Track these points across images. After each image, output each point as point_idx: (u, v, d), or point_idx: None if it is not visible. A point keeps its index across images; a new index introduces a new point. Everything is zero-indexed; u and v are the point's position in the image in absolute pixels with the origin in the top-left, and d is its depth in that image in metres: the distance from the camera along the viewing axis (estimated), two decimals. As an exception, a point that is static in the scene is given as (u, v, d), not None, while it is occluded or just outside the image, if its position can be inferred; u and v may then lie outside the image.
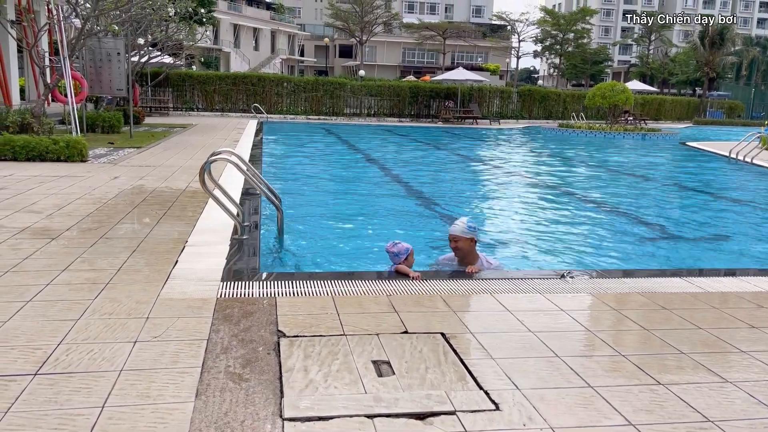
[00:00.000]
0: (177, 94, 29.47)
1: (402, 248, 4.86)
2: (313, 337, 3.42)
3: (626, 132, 28.56)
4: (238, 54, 65.49)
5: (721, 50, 58.65)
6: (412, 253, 4.91)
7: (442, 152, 19.43)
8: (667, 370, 3.21)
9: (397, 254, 4.85)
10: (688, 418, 2.73)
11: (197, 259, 4.92)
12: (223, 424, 2.50)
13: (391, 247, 4.90)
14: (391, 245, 4.92)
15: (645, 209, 10.67)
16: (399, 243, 4.90)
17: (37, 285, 4.09)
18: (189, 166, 10.66)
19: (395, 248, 4.87)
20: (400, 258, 4.84)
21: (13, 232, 5.53)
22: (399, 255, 4.84)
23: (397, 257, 4.85)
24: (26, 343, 3.19)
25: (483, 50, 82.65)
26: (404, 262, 4.84)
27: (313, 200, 10.31)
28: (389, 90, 33.24)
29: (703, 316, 4.09)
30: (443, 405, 2.73)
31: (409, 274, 4.71)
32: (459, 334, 3.56)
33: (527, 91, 38.16)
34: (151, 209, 6.84)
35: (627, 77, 74.12)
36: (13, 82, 21.33)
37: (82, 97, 15.59)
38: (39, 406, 2.58)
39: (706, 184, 14.80)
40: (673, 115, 45.00)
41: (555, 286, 4.62)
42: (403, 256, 4.84)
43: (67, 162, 10.41)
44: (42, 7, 21.80)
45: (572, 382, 3.03)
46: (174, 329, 3.45)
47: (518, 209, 10.37)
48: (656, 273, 5.61)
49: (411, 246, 4.94)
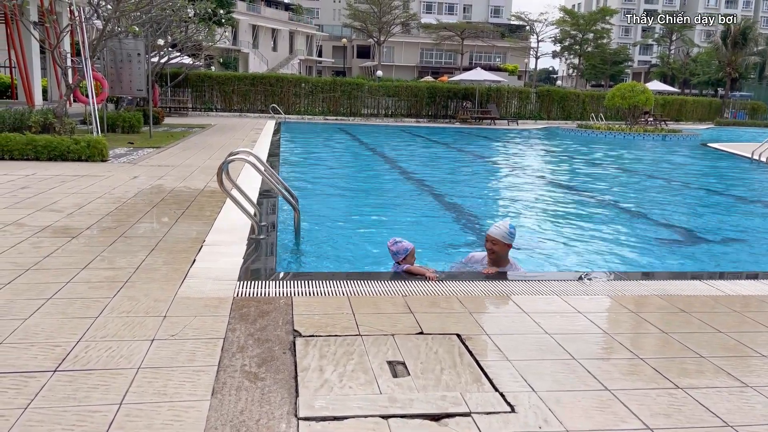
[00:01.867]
0: (196, 94, 29.73)
1: (401, 248, 4.81)
2: (328, 337, 3.43)
3: (646, 133, 28.25)
4: (256, 55, 65.88)
5: (743, 50, 57.81)
6: (412, 253, 4.86)
7: (459, 153, 19.37)
8: (686, 374, 3.17)
9: (396, 253, 4.83)
10: (707, 423, 2.69)
11: (215, 258, 4.95)
12: (238, 422, 2.51)
13: (392, 245, 4.86)
14: (392, 243, 4.88)
15: (664, 211, 10.55)
16: (400, 242, 4.85)
17: (57, 283, 4.15)
18: (207, 166, 10.74)
19: (395, 247, 4.83)
20: (399, 257, 4.81)
21: (34, 230, 5.61)
22: (398, 254, 4.82)
23: (396, 255, 4.83)
24: (46, 340, 3.24)
25: (501, 50, 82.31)
26: (403, 261, 4.82)
27: (330, 200, 10.34)
28: (407, 90, 33.22)
29: (723, 319, 4.03)
30: (458, 406, 2.72)
31: (425, 274, 4.68)
32: (475, 336, 3.55)
33: (546, 92, 37.91)
34: (170, 209, 6.90)
35: (647, 78, 73.31)
36: (35, 82, 21.68)
37: (103, 97, 15.79)
38: (58, 403, 2.61)
39: (727, 186, 14.59)
40: (694, 116, 44.44)
41: (572, 287, 4.58)
42: (401, 255, 4.81)
43: (87, 162, 10.54)
44: (64, 8, 22.11)
45: (589, 384, 3.00)
46: (191, 328, 3.48)
47: (536, 210, 10.31)
48: (676, 275, 5.54)
49: (413, 245, 4.89)
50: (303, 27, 76.78)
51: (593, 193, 12.39)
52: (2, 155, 10.29)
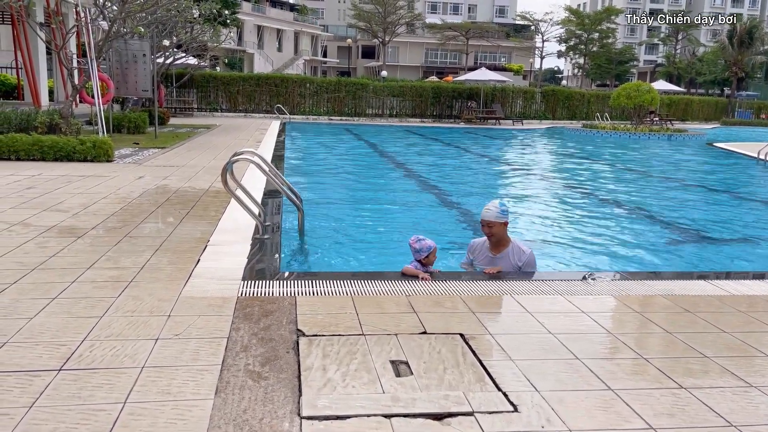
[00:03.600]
0: (201, 95, 29.80)
1: (425, 245, 4.76)
2: (332, 337, 3.43)
3: (652, 133, 28.16)
4: (261, 55, 65.98)
5: (749, 49, 57.52)
6: (434, 252, 4.80)
7: (463, 153, 19.36)
8: (690, 374, 3.16)
9: (419, 250, 4.76)
10: (711, 423, 2.68)
11: (219, 258, 4.97)
12: (241, 421, 2.52)
13: (414, 243, 4.80)
14: (415, 240, 4.82)
15: (670, 211, 10.52)
16: (423, 240, 4.80)
17: (62, 282, 4.17)
18: (212, 166, 10.76)
19: (418, 244, 4.77)
20: (422, 255, 4.75)
21: (40, 230, 5.64)
22: (421, 252, 4.75)
23: (418, 253, 4.76)
24: (51, 339, 3.26)
25: (506, 50, 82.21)
26: (425, 259, 4.78)
27: (334, 201, 10.35)
28: (411, 90, 33.22)
29: (728, 319, 4.02)
30: (461, 406, 2.72)
31: (417, 275, 4.65)
32: (478, 335, 3.55)
33: (551, 92, 37.83)
34: (175, 209, 6.92)
35: (653, 77, 73.10)
36: (42, 83, 21.79)
37: (109, 98, 15.85)
38: (62, 401, 2.63)
39: (733, 186, 14.53)
40: (700, 115, 44.28)
41: (576, 287, 4.57)
42: (424, 253, 4.75)
43: (93, 162, 10.59)
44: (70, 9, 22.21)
45: (592, 384, 3.00)
46: (195, 327, 3.49)
47: (540, 210, 10.29)
48: (681, 276, 5.53)
49: (435, 244, 4.84)
50: (308, 27, 76.85)
51: (598, 193, 12.37)
52: (9, 155, 10.35)
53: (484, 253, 5.16)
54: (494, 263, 5.05)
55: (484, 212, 4.98)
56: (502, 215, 4.94)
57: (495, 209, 4.94)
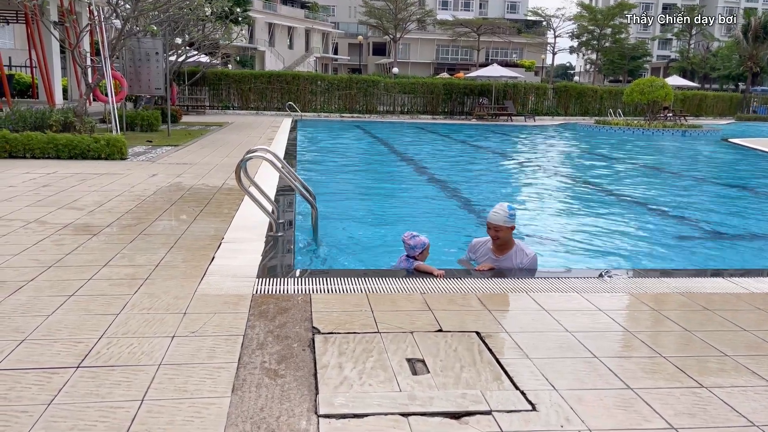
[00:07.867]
0: (213, 92, 29.91)
1: (419, 242, 4.77)
2: (347, 334, 3.43)
3: (665, 128, 27.92)
4: (272, 53, 66.09)
5: (765, 44, 56.86)
6: (428, 248, 4.82)
7: (475, 149, 19.29)
8: (709, 373, 3.12)
9: (413, 247, 4.78)
10: (733, 423, 2.65)
11: (233, 255, 4.97)
12: (258, 419, 2.52)
13: (409, 239, 4.81)
14: (409, 236, 4.83)
15: (685, 207, 10.42)
16: (417, 236, 4.82)
17: (79, 280, 4.19)
18: (225, 163, 10.79)
19: (412, 240, 4.78)
20: (416, 251, 4.77)
21: (56, 228, 5.67)
22: (415, 248, 4.77)
23: (412, 249, 4.78)
24: (68, 336, 3.27)
25: (518, 46, 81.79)
26: (419, 256, 4.78)
27: (347, 197, 10.34)
28: (423, 87, 33.13)
29: (746, 317, 3.97)
30: (479, 404, 2.70)
31: (432, 272, 4.63)
32: (494, 333, 3.53)
33: (563, 88, 37.60)
34: (188, 206, 6.94)
35: (666, 73, 72.42)
36: (56, 82, 21.95)
37: (122, 96, 15.94)
38: (81, 399, 2.64)
39: (749, 182, 14.37)
40: (714, 111, 43.80)
41: (593, 285, 4.54)
42: (418, 249, 4.77)
43: (107, 160, 10.65)
44: (83, 8, 22.35)
45: (611, 383, 2.97)
46: (210, 325, 3.50)
47: (555, 207, 10.23)
48: (697, 273, 5.47)
49: (428, 241, 4.85)
50: (319, 25, 76.89)
51: (613, 189, 12.27)
52: (24, 154, 10.43)
53: (487, 254, 5.11)
54: (497, 265, 5.00)
55: (492, 215, 4.92)
56: (510, 219, 4.90)
57: (503, 213, 4.88)
